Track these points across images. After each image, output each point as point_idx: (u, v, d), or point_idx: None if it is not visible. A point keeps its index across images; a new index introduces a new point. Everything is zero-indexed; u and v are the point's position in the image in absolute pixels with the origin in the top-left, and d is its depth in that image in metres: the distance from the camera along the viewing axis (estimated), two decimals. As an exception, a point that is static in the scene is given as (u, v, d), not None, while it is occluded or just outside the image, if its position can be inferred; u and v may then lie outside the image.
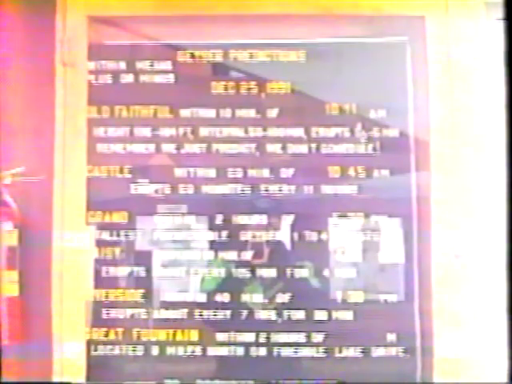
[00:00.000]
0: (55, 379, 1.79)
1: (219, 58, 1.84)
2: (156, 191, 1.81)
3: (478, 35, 1.86)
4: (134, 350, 1.80)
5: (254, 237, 1.80)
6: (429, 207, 1.81)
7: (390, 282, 1.82)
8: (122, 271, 1.82)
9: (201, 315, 1.80)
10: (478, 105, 1.84)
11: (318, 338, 1.78)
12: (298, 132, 1.81)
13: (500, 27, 1.74)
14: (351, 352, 1.78)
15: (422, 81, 1.84)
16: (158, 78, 1.84)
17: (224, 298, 1.80)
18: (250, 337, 1.78)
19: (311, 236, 1.80)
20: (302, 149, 1.81)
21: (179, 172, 1.81)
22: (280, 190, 1.80)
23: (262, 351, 1.78)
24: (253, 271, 1.80)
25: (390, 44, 1.85)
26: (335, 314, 1.79)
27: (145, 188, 1.82)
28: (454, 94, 1.83)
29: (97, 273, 1.81)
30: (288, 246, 1.82)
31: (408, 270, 1.81)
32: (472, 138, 1.83)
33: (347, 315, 1.78)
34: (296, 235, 1.81)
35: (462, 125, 1.83)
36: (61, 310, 1.79)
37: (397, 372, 1.79)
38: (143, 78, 1.84)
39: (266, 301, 1.80)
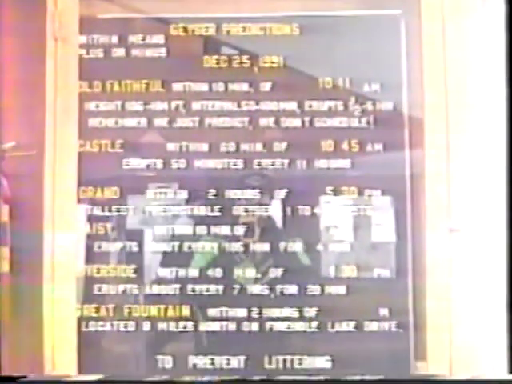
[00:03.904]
0: (46, 355, 1.77)
1: (212, 32, 1.83)
2: (148, 166, 1.79)
3: (475, 9, 1.83)
4: (125, 326, 1.78)
5: (246, 211, 1.79)
6: (423, 183, 1.78)
7: (384, 256, 1.80)
8: (114, 247, 1.80)
9: (193, 291, 1.78)
10: (473, 80, 1.81)
11: (310, 312, 1.77)
12: (291, 106, 1.80)
13: (499, 1, 1.73)
14: (344, 327, 1.76)
15: (416, 55, 1.82)
16: (150, 52, 1.82)
17: (216, 273, 1.78)
18: (242, 312, 1.77)
19: (304, 211, 1.79)
20: (296, 123, 1.79)
21: (171, 147, 1.79)
22: (273, 165, 1.79)
23: (255, 326, 1.76)
24: (245, 246, 1.78)
25: (384, 17, 1.83)
26: (328, 289, 1.77)
27: (137, 163, 1.80)
28: (448, 69, 1.81)
29: (88, 248, 1.79)
30: (281, 220, 1.80)
31: (401, 245, 1.79)
32: (467, 114, 1.81)
33: (340, 290, 1.76)
34: (289, 210, 1.79)
35: (456, 101, 1.80)
36: (52, 286, 1.77)
37: (389, 347, 1.78)
38: (135, 52, 1.83)
39: (259, 276, 1.78)
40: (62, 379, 1.76)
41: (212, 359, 1.78)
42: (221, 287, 1.78)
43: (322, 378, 1.74)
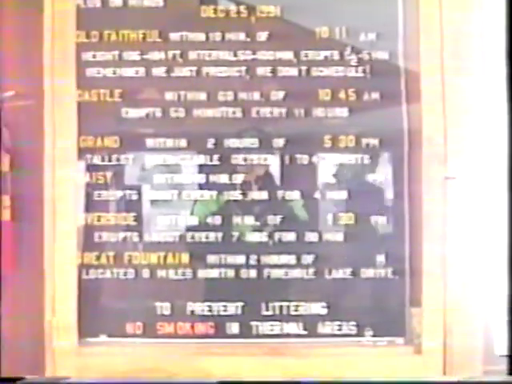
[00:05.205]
0: (47, 304, 1.80)
1: (209, -19, 1.83)
2: (147, 115, 1.81)
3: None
4: (125, 274, 1.80)
5: (245, 160, 1.80)
6: (420, 131, 1.80)
7: (381, 204, 1.83)
8: (114, 195, 1.82)
9: (192, 238, 1.80)
10: (470, 29, 1.82)
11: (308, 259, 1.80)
12: (288, 55, 1.81)
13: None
14: (341, 273, 1.79)
15: (413, 4, 1.82)
16: (147, 2, 1.83)
17: (215, 221, 1.80)
18: (240, 259, 1.79)
19: (302, 159, 1.80)
20: (292, 72, 1.80)
21: (169, 96, 1.80)
22: (271, 113, 1.80)
23: (253, 273, 1.79)
24: (244, 195, 1.80)
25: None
26: (326, 236, 1.79)
27: (135, 112, 1.81)
28: (444, 18, 1.81)
29: (88, 197, 1.81)
30: (279, 169, 1.82)
31: (398, 192, 1.81)
32: (463, 63, 1.81)
33: (337, 237, 1.79)
34: (287, 158, 1.81)
35: (452, 50, 1.81)
36: (53, 234, 1.79)
37: (385, 293, 1.82)
38: (132, 1, 1.83)
39: (258, 223, 1.80)
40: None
41: (209, 306, 1.81)
42: (220, 235, 1.80)
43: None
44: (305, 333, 1.81)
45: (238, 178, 1.81)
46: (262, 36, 1.81)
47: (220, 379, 1.78)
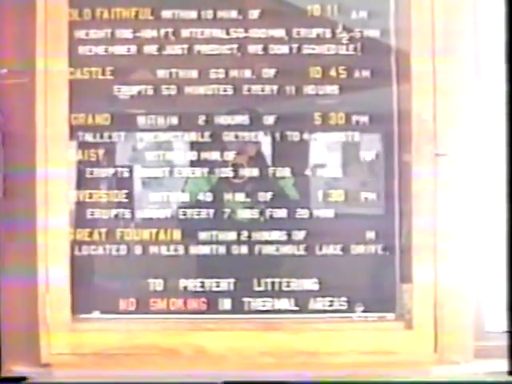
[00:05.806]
0: (40, 280, 1.81)
1: (201, -42, 1.83)
2: (139, 93, 1.82)
3: None
4: (117, 250, 1.82)
5: (236, 137, 1.81)
6: (409, 109, 1.81)
7: (371, 180, 1.84)
8: (106, 173, 1.83)
9: (184, 215, 1.82)
10: (461, 7, 1.82)
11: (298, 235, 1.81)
12: (280, 33, 1.81)
13: None
14: (331, 250, 1.81)
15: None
16: (139, -21, 1.83)
17: (207, 198, 1.82)
18: (231, 235, 1.81)
19: (293, 136, 1.81)
20: (284, 49, 1.81)
21: (161, 73, 1.81)
22: (262, 91, 1.81)
23: (244, 249, 1.80)
24: (235, 172, 1.81)
25: None
26: (316, 213, 1.81)
27: (127, 90, 1.82)
28: (435, 1, 1.82)
29: (80, 174, 1.82)
30: (270, 146, 1.83)
31: (388, 169, 1.82)
32: (454, 41, 1.82)
33: (328, 214, 1.80)
34: (278, 136, 1.82)
35: (443, 28, 1.81)
36: (45, 211, 1.80)
37: (376, 269, 1.83)
38: (124, -21, 1.84)
39: (249, 200, 1.81)
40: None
41: (202, 282, 1.82)
42: (211, 211, 1.81)
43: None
44: (296, 308, 1.83)
45: (230, 156, 1.82)
46: (254, 14, 1.82)
47: (213, 354, 1.80)
